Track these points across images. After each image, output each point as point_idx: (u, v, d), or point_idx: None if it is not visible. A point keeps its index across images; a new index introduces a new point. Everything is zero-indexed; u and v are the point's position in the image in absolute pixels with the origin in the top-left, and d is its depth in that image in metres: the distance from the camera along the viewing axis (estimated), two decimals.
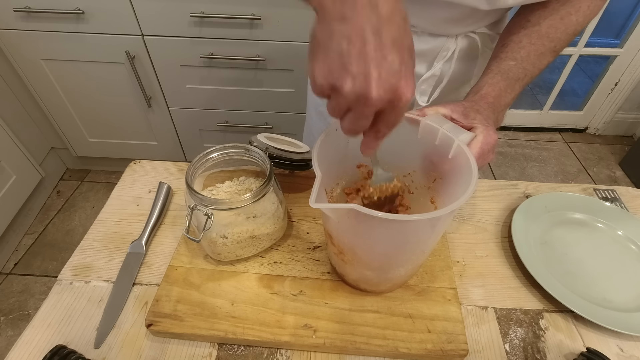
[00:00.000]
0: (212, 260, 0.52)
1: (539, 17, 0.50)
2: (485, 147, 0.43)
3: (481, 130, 0.43)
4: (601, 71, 1.99)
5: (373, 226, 0.38)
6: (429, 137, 0.44)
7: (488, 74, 0.50)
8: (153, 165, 0.68)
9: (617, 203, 0.63)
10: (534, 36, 0.50)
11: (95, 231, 0.57)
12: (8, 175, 1.42)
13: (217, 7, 1.17)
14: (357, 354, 0.45)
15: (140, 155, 1.60)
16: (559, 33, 0.50)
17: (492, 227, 0.59)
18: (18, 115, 1.50)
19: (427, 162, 0.47)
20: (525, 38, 0.50)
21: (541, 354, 0.46)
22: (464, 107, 0.46)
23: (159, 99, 1.44)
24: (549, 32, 0.50)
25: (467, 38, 0.58)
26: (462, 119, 0.45)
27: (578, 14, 0.50)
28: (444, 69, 0.60)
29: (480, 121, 0.44)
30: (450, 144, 0.42)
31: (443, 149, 0.43)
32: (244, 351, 0.45)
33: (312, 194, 0.35)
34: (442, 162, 0.44)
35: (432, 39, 0.57)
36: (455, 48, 0.58)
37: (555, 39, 0.50)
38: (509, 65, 0.49)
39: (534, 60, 0.50)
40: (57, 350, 0.41)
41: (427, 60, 0.60)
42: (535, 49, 0.49)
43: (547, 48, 0.50)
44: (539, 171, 1.93)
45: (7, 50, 1.31)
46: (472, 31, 0.58)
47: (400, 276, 0.47)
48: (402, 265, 0.45)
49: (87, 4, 1.18)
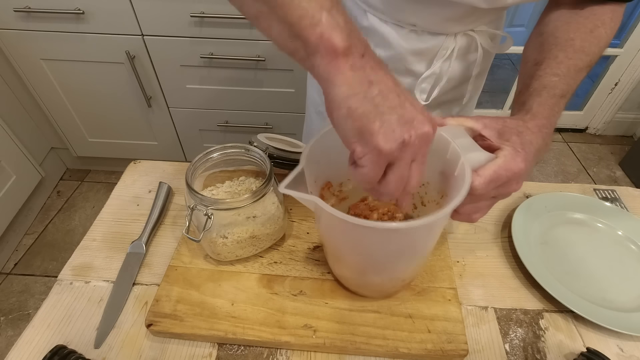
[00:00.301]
0: (212, 260, 0.52)
1: (568, 32, 0.48)
2: (501, 174, 0.38)
3: (505, 154, 0.38)
4: (601, 71, 1.99)
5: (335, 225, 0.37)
6: (441, 150, 0.40)
7: (532, 93, 0.45)
8: (153, 165, 0.68)
9: (617, 203, 0.63)
10: (569, 51, 0.46)
11: (95, 231, 0.57)
12: (8, 175, 1.42)
13: (217, 7, 1.17)
14: (357, 354, 0.45)
15: (140, 155, 1.60)
16: (593, 47, 0.47)
17: (492, 227, 0.59)
18: (18, 115, 1.50)
19: (439, 175, 0.44)
20: (560, 53, 0.47)
21: (541, 354, 0.46)
22: (504, 126, 0.41)
23: (159, 99, 1.44)
24: (583, 46, 0.47)
25: (466, 36, 0.58)
26: (495, 138, 0.40)
27: (605, 27, 0.49)
28: (443, 68, 0.61)
29: (514, 144, 0.39)
30: (458, 160, 0.38)
31: (452, 165, 0.40)
32: (244, 351, 0.45)
33: (285, 179, 0.35)
34: (449, 178, 0.41)
35: (431, 38, 0.57)
36: (454, 46, 0.58)
37: (591, 53, 0.47)
38: (552, 82, 0.45)
39: (574, 75, 0.46)
40: (57, 350, 0.41)
41: (426, 58, 0.60)
42: (574, 63, 0.46)
43: (584, 63, 0.47)
44: (539, 171, 1.93)
45: (7, 50, 1.31)
46: (471, 29, 0.58)
47: (378, 284, 0.46)
48: (378, 273, 0.44)
49: (87, 4, 1.18)
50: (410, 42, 0.58)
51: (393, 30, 0.57)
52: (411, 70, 0.61)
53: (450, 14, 0.53)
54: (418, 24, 0.56)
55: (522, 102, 0.45)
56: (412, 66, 0.60)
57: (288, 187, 0.35)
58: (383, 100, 0.30)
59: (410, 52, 0.59)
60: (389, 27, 0.57)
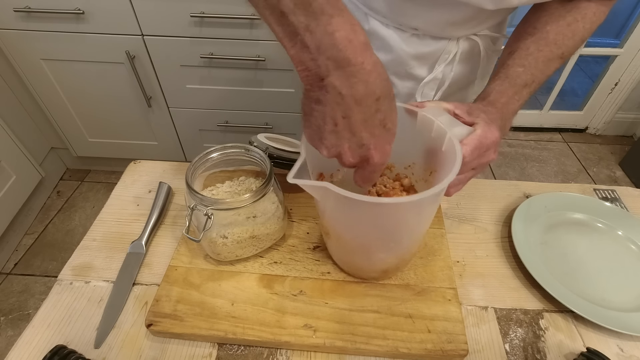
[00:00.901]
0: (212, 260, 0.52)
1: (546, 24, 0.50)
2: (483, 142, 0.42)
3: (481, 125, 0.43)
4: (601, 71, 1.99)
5: (348, 205, 0.38)
6: (426, 129, 0.44)
7: (495, 81, 0.49)
8: (153, 165, 0.68)
9: (617, 203, 0.63)
10: (541, 43, 0.49)
11: (95, 231, 0.57)
12: (8, 175, 1.42)
13: (217, 7, 1.17)
14: (357, 354, 0.45)
15: (140, 155, 1.60)
16: (566, 40, 0.49)
17: (492, 227, 0.59)
18: (18, 115, 1.50)
19: (425, 154, 0.47)
20: (532, 45, 0.50)
21: (541, 354, 0.46)
22: (469, 106, 0.46)
23: (159, 99, 1.44)
24: (556, 38, 0.49)
25: (469, 40, 0.58)
26: (465, 116, 0.44)
27: (585, 21, 0.50)
28: (445, 72, 0.61)
29: (484, 119, 0.44)
30: (443, 135, 0.42)
31: (438, 142, 0.43)
32: (244, 351, 0.45)
33: (292, 170, 0.36)
34: (437, 154, 0.44)
35: (434, 42, 0.57)
36: (457, 51, 0.58)
37: (563, 46, 0.50)
38: (517, 72, 0.49)
39: (542, 67, 0.49)
40: (57, 350, 0.41)
41: (428, 63, 0.60)
42: (543, 55, 0.49)
43: (554, 55, 0.50)
44: (539, 171, 1.93)
45: (7, 50, 1.31)
46: (474, 33, 0.58)
47: (384, 262, 0.47)
48: (386, 250, 0.45)
49: (87, 4, 1.18)
50: (412, 46, 0.58)
51: (395, 34, 0.57)
52: (412, 75, 0.61)
53: (453, 17, 0.53)
54: (420, 28, 0.56)
55: (485, 90, 0.50)
56: (414, 70, 0.60)
57: (295, 176, 0.36)
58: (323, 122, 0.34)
59: (412, 56, 0.59)
60: (391, 30, 0.57)
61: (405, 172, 0.51)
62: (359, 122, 0.32)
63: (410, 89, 0.63)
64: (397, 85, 0.63)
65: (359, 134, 0.33)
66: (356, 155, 0.35)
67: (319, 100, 0.32)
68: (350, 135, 0.33)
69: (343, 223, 0.43)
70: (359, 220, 0.42)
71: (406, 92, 0.63)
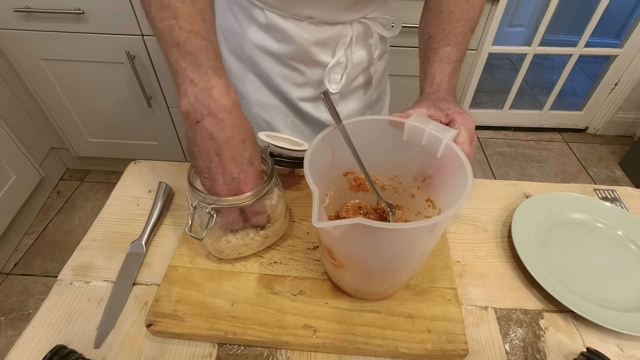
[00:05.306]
0: (213, 260, 0.52)
1: (449, 5, 0.56)
2: (471, 132, 0.45)
3: (460, 121, 0.45)
4: (601, 71, 1.99)
5: (379, 237, 0.38)
6: (416, 138, 0.45)
7: (432, 64, 0.53)
8: (153, 165, 0.68)
9: (617, 203, 0.63)
10: (452, 22, 0.55)
11: (95, 231, 0.57)
12: (8, 175, 1.42)
13: None
14: (357, 354, 0.45)
15: (140, 155, 1.60)
16: (470, 13, 0.56)
17: (492, 227, 0.59)
18: (18, 115, 1.50)
19: (415, 163, 0.48)
20: (446, 25, 0.55)
21: (541, 354, 0.46)
22: (433, 100, 0.48)
23: (159, 99, 1.44)
24: (463, 14, 0.55)
25: (361, 24, 0.62)
26: (439, 112, 0.47)
27: None
28: (347, 55, 0.64)
29: (454, 109, 0.47)
30: (438, 142, 0.43)
31: (431, 149, 0.44)
32: (244, 351, 0.45)
33: (313, 212, 0.35)
34: (431, 161, 0.45)
35: (330, 28, 0.60)
36: (352, 34, 0.61)
37: (470, 19, 0.56)
38: (446, 51, 0.53)
39: (462, 41, 0.55)
40: (57, 350, 0.41)
41: (330, 48, 0.63)
42: (458, 31, 0.55)
43: (467, 29, 0.56)
44: (539, 171, 1.93)
45: (7, 50, 1.31)
46: (364, 17, 0.62)
47: (401, 280, 0.47)
48: (403, 270, 0.45)
49: (87, 4, 1.19)
50: (311, 33, 0.60)
51: (293, 24, 0.59)
52: (318, 61, 0.64)
53: (340, 3, 0.57)
54: (315, 16, 0.59)
55: (425, 74, 0.54)
56: (318, 57, 0.63)
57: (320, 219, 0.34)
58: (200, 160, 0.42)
59: (313, 43, 0.61)
60: (288, 21, 0.59)
61: (392, 182, 0.52)
62: (229, 159, 0.40)
63: (320, 75, 0.65)
64: (306, 73, 0.65)
65: (230, 168, 0.41)
66: (229, 187, 0.42)
67: (195, 141, 0.40)
68: (223, 170, 0.41)
69: (369, 253, 0.42)
70: (392, 248, 0.41)
71: (316, 79, 0.66)
